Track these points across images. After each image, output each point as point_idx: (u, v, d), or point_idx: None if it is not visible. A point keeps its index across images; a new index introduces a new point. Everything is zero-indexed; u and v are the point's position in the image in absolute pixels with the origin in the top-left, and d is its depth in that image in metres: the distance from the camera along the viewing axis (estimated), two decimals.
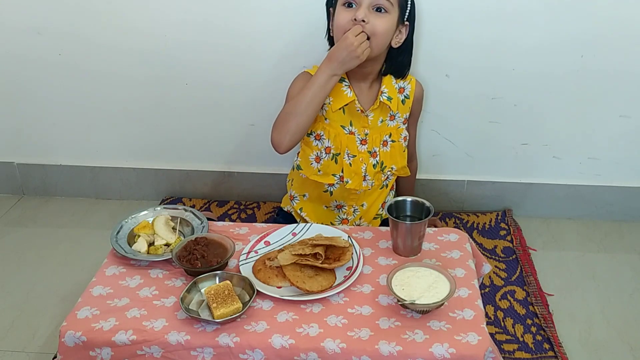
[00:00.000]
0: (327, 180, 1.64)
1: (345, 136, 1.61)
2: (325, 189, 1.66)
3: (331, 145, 1.60)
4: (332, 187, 1.66)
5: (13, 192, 2.29)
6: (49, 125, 2.15)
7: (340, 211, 1.71)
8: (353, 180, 1.62)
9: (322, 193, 1.68)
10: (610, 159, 1.99)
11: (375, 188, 1.68)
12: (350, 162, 1.61)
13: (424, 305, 1.15)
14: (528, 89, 1.89)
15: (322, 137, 1.61)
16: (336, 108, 1.59)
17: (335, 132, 1.60)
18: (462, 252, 1.35)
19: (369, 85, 1.61)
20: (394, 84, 1.63)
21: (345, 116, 1.61)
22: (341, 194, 1.67)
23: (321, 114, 1.60)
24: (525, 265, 1.84)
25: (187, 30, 1.91)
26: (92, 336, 1.16)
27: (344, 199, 1.68)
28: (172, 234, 1.42)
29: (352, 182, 1.62)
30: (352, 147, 1.61)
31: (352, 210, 1.70)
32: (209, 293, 1.19)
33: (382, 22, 1.48)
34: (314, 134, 1.62)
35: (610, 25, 1.78)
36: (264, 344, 1.13)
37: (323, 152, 1.62)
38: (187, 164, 2.17)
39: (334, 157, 1.61)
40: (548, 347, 1.55)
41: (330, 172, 1.63)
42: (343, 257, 1.29)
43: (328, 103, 1.59)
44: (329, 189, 1.66)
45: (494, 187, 2.07)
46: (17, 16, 1.95)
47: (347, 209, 1.70)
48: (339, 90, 1.58)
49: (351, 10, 1.48)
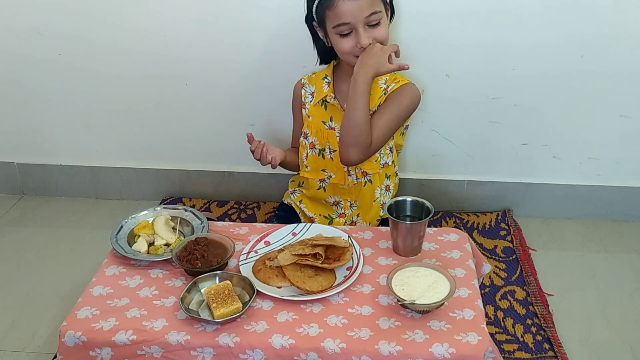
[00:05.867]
0: (316, 175, 1.69)
1: (327, 131, 1.64)
2: (319, 186, 1.70)
3: (314, 140, 1.66)
4: (323, 183, 1.69)
5: (13, 192, 2.29)
6: (49, 125, 2.15)
7: (338, 206, 1.73)
8: (336, 175, 1.66)
9: (317, 191, 1.71)
10: (610, 159, 1.99)
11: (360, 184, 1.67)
12: (332, 157, 1.66)
13: (424, 305, 1.15)
14: (528, 89, 1.89)
15: (308, 134, 1.67)
16: (315, 102, 1.65)
17: (317, 128, 1.65)
18: (462, 252, 1.35)
19: None
20: (381, 83, 1.61)
21: (326, 112, 1.65)
22: (333, 190, 1.70)
23: (305, 112, 1.68)
24: (525, 265, 1.84)
25: (187, 30, 1.91)
26: (92, 336, 1.16)
27: (337, 194, 1.71)
28: (172, 234, 1.42)
29: (335, 176, 1.67)
30: (332, 142, 1.64)
31: (349, 205, 1.71)
32: (209, 293, 1.19)
33: (381, 30, 1.50)
34: (303, 132, 1.69)
35: (610, 26, 1.78)
36: (264, 344, 1.13)
37: (308, 147, 1.67)
38: (187, 164, 2.17)
39: (320, 152, 1.66)
40: (548, 347, 1.55)
41: (319, 168, 1.68)
42: (343, 257, 1.29)
43: (310, 100, 1.66)
44: (321, 184, 1.70)
45: (494, 187, 2.07)
46: (17, 16, 1.95)
47: (343, 204, 1.72)
48: (320, 86, 1.65)
49: (350, 37, 1.49)
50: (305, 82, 1.70)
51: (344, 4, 1.44)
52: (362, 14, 1.45)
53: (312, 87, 1.68)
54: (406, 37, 1.83)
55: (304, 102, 1.69)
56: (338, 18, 1.46)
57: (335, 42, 1.52)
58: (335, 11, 1.46)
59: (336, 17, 1.46)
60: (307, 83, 1.70)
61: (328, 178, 1.68)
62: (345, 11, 1.45)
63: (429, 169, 2.06)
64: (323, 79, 1.66)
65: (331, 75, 1.65)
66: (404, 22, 1.81)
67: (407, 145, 2.02)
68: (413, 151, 2.03)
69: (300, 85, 1.71)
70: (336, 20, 1.47)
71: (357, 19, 1.45)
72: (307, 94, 1.69)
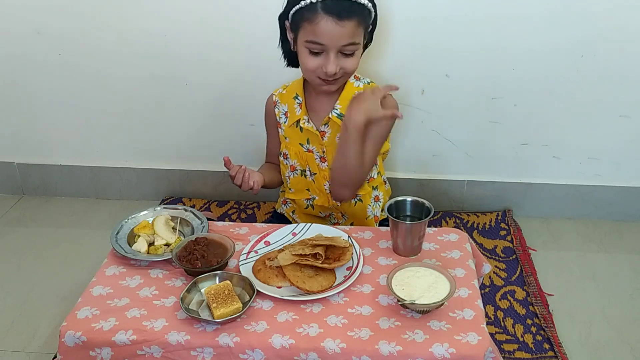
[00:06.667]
0: (301, 196, 1.63)
1: (305, 154, 1.57)
2: (306, 205, 1.65)
3: (294, 162, 1.59)
4: (310, 201, 1.63)
5: (13, 192, 2.29)
6: (49, 125, 2.15)
7: (330, 218, 1.69)
8: (319, 197, 1.61)
9: (305, 209, 1.66)
10: (610, 159, 1.99)
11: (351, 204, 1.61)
12: (312, 179, 1.59)
13: (424, 305, 1.14)
14: (528, 89, 1.90)
15: (287, 155, 1.60)
16: (288, 125, 1.56)
17: (295, 150, 1.58)
18: (462, 252, 1.35)
19: (329, 98, 1.53)
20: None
21: (302, 134, 1.56)
22: (322, 207, 1.64)
23: (281, 132, 1.60)
24: (525, 265, 1.84)
25: (187, 31, 1.91)
26: (92, 336, 1.16)
27: (326, 210, 1.66)
28: (172, 234, 1.42)
29: (318, 198, 1.61)
30: (312, 165, 1.58)
31: (341, 215, 1.68)
32: (209, 293, 1.19)
33: (352, 62, 1.41)
34: (282, 153, 1.61)
35: (610, 26, 1.78)
36: (264, 344, 1.13)
37: (289, 170, 1.61)
38: (187, 164, 2.17)
39: (302, 172, 1.60)
40: (548, 347, 1.55)
41: (303, 188, 1.62)
42: (343, 257, 1.29)
43: (284, 121, 1.58)
44: (308, 203, 1.64)
45: (494, 187, 2.07)
46: (17, 16, 1.95)
47: (335, 215, 1.68)
48: (292, 107, 1.55)
49: (319, 57, 1.39)
50: (277, 100, 1.59)
51: (326, 25, 1.34)
52: (340, 41, 1.36)
53: (285, 106, 1.58)
54: (407, 37, 1.83)
55: (279, 121, 1.60)
56: (314, 35, 1.36)
57: (302, 56, 1.42)
58: (314, 27, 1.35)
59: (312, 34, 1.36)
60: (279, 101, 1.59)
61: (312, 199, 1.62)
62: (324, 32, 1.35)
63: (429, 169, 2.07)
64: (294, 98, 1.55)
65: (302, 94, 1.54)
66: (404, 22, 1.81)
67: (407, 146, 2.02)
68: (413, 151, 2.03)
69: (273, 103, 1.60)
70: (311, 36, 1.37)
71: (333, 44, 1.36)
72: (280, 114, 1.59)
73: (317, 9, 1.34)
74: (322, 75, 1.42)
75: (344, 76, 1.45)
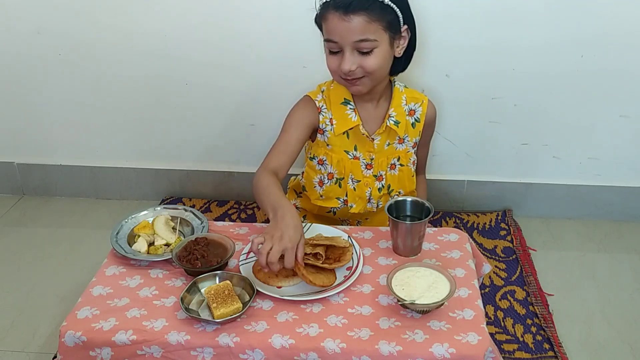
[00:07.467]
0: (330, 204, 1.60)
1: (350, 161, 1.53)
2: (329, 210, 1.63)
3: (334, 171, 1.55)
4: (335, 209, 1.62)
5: (13, 192, 2.29)
6: (49, 125, 2.15)
7: (343, 223, 1.67)
8: (357, 205, 1.58)
9: (326, 214, 1.64)
10: (610, 159, 1.99)
11: (380, 209, 1.61)
12: (354, 187, 1.56)
13: (424, 305, 1.14)
14: (528, 89, 1.89)
15: (325, 162, 1.55)
16: (339, 132, 1.50)
17: (338, 158, 1.53)
18: (462, 252, 1.35)
19: (376, 105, 1.52)
20: (403, 105, 1.52)
21: (349, 140, 1.52)
22: (344, 214, 1.63)
23: (323, 139, 1.53)
24: (525, 265, 1.84)
25: (187, 31, 1.91)
26: (92, 336, 1.16)
27: (347, 217, 1.65)
28: (172, 234, 1.42)
29: (356, 206, 1.58)
30: (356, 172, 1.55)
31: (356, 223, 1.67)
32: (209, 293, 1.19)
33: (372, 61, 1.37)
34: (317, 158, 1.55)
35: (610, 25, 1.78)
36: (264, 344, 1.13)
37: (326, 177, 1.56)
38: (187, 164, 2.17)
39: (338, 181, 1.56)
40: (548, 347, 1.56)
41: (334, 196, 1.58)
42: (343, 257, 1.29)
43: (330, 129, 1.51)
44: (332, 209, 1.62)
45: (494, 187, 2.07)
46: (17, 16, 1.95)
47: (350, 222, 1.67)
48: (342, 113, 1.50)
49: (338, 56, 1.38)
50: (322, 106, 1.51)
51: (334, 20, 1.33)
52: (351, 37, 1.33)
53: (329, 113, 1.51)
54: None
55: (322, 128, 1.52)
56: (327, 32, 1.37)
57: (326, 55, 1.42)
58: (327, 25, 1.36)
59: (326, 32, 1.37)
60: (325, 107, 1.51)
61: (342, 206, 1.59)
62: (334, 28, 1.34)
63: (429, 169, 2.05)
64: (344, 104, 1.50)
65: (352, 99, 1.50)
66: None
67: None
68: None
69: (317, 108, 1.51)
70: (327, 34, 1.38)
71: (345, 41, 1.34)
72: (325, 120, 1.51)
73: (329, 6, 1.36)
74: (342, 74, 1.39)
75: (367, 76, 1.40)
